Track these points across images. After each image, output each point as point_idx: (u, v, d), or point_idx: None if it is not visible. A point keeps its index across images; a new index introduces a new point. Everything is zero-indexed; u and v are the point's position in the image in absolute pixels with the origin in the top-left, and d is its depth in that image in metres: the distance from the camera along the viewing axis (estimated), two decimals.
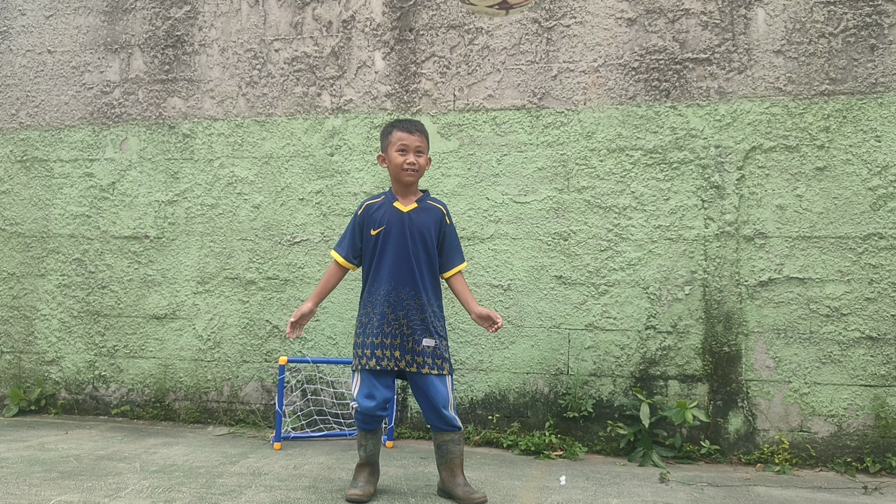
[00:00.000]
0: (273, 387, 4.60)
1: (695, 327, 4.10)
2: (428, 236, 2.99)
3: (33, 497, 2.88)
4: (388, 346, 2.94)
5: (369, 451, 3.07)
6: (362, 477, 3.05)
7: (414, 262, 2.95)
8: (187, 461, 3.62)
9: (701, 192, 4.15)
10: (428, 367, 2.94)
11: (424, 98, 4.54)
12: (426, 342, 2.94)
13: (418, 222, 2.99)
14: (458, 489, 2.95)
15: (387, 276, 2.96)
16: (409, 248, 2.95)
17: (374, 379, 2.97)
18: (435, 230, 3.02)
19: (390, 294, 2.95)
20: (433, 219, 3.02)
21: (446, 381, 2.97)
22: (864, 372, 3.89)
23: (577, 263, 4.26)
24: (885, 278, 3.90)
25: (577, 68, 4.35)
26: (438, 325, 3.01)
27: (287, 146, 4.72)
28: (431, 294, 3.00)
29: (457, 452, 2.99)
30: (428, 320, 2.96)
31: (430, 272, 3.01)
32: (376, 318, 2.96)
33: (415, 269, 2.95)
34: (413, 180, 3.01)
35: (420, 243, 2.97)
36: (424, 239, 2.98)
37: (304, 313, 3.03)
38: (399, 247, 2.96)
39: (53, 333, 5.01)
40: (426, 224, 3.00)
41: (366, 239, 3.04)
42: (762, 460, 3.89)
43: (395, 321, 2.95)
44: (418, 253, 2.96)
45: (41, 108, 5.16)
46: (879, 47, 3.99)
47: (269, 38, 4.81)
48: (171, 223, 4.87)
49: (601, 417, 4.16)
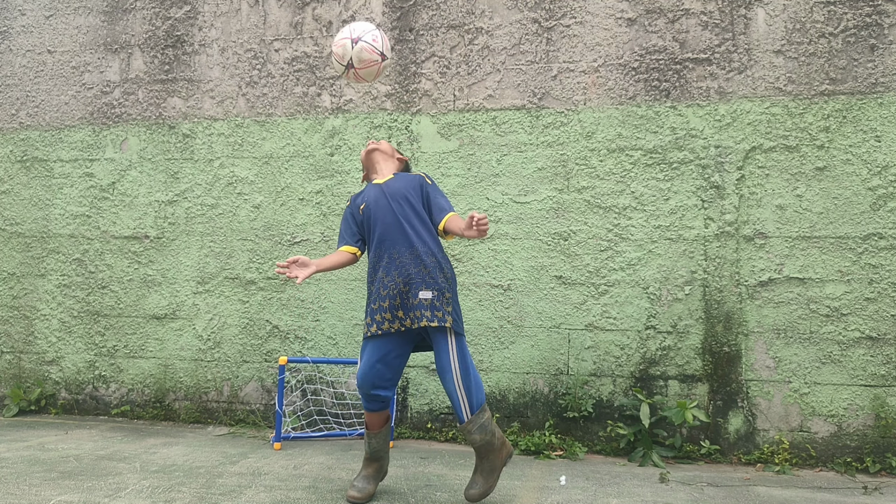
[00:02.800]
0: (273, 387, 4.60)
1: (695, 327, 4.10)
2: (411, 197, 2.97)
3: (33, 497, 2.88)
4: (387, 308, 2.88)
5: (373, 448, 3.05)
6: (363, 475, 3.04)
7: (403, 220, 2.92)
8: (187, 461, 3.62)
9: (701, 192, 4.15)
10: (426, 319, 2.81)
11: (424, 98, 4.54)
12: (422, 294, 2.84)
13: (396, 188, 3.00)
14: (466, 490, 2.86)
15: (379, 242, 2.95)
16: (394, 209, 2.94)
17: (375, 350, 2.90)
18: (416, 192, 3.00)
19: (384, 258, 2.92)
20: (412, 183, 3.03)
21: (447, 338, 2.83)
22: (864, 372, 3.89)
23: (577, 263, 4.26)
24: (885, 278, 3.90)
25: (577, 68, 4.35)
26: (439, 275, 2.88)
27: (287, 146, 4.72)
28: (431, 245, 2.93)
29: (475, 441, 2.82)
30: (425, 272, 2.86)
31: (424, 226, 2.95)
32: (376, 286, 2.94)
33: (405, 226, 2.92)
34: (374, 152, 3.13)
35: (405, 204, 2.95)
36: (408, 199, 2.96)
37: (304, 262, 2.89)
38: (384, 212, 2.95)
39: (53, 333, 5.01)
40: (405, 188, 3.00)
41: (358, 222, 3.05)
42: (762, 460, 3.89)
43: (392, 282, 2.88)
44: (405, 212, 2.94)
45: (41, 108, 5.16)
46: (879, 47, 3.99)
47: (269, 38, 4.81)
48: (171, 223, 4.87)
49: (601, 417, 4.16)
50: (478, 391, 2.85)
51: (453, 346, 2.84)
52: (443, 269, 2.91)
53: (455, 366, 2.83)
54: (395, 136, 4.56)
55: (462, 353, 2.85)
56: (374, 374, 2.91)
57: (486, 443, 2.84)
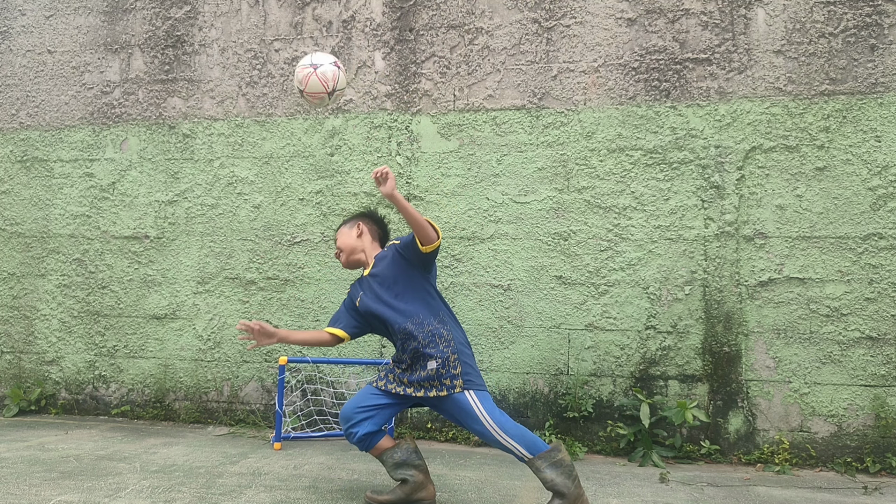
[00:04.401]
0: (273, 387, 4.60)
1: (695, 327, 4.10)
2: (393, 273, 2.96)
3: (33, 497, 2.88)
4: (398, 375, 2.90)
5: (391, 465, 2.93)
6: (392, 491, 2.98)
7: (392, 307, 2.91)
8: (187, 461, 3.62)
9: (701, 192, 4.15)
10: (436, 390, 2.79)
11: (424, 98, 4.54)
12: (429, 365, 2.81)
13: (378, 274, 2.99)
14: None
15: (385, 327, 2.97)
16: (384, 299, 2.93)
17: (373, 395, 2.91)
18: (396, 266, 2.97)
19: (395, 338, 2.94)
20: (389, 258, 3.01)
21: (467, 398, 2.75)
22: (864, 372, 3.89)
23: (577, 263, 4.26)
24: (885, 278, 3.90)
25: (577, 68, 4.35)
26: (439, 343, 2.82)
27: (287, 146, 4.72)
28: (423, 317, 2.88)
29: (545, 479, 2.69)
30: (424, 344, 2.82)
31: (413, 300, 2.92)
32: (395, 356, 2.97)
33: (395, 311, 2.90)
34: (345, 265, 3.13)
35: (392, 288, 2.94)
36: (393, 278, 2.95)
37: (269, 331, 2.90)
38: (377, 304, 2.95)
39: (53, 333, 5.01)
40: (385, 268, 2.98)
41: (360, 312, 3.04)
42: (762, 460, 3.89)
43: (402, 357, 2.90)
44: (393, 297, 2.93)
45: (41, 108, 5.16)
46: (879, 47, 3.99)
47: (269, 38, 4.81)
48: (172, 223, 4.87)
49: (601, 417, 4.16)
50: (525, 434, 2.75)
51: (476, 403, 2.75)
52: (440, 335, 2.85)
53: (487, 420, 2.73)
54: (394, 136, 4.56)
55: (489, 406, 2.76)
56: (356, 409, 2.89)
57: (562, 486, 2.67)
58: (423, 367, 2.82)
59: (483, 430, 2.73)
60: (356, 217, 3.18)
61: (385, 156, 4.56)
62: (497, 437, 2.72)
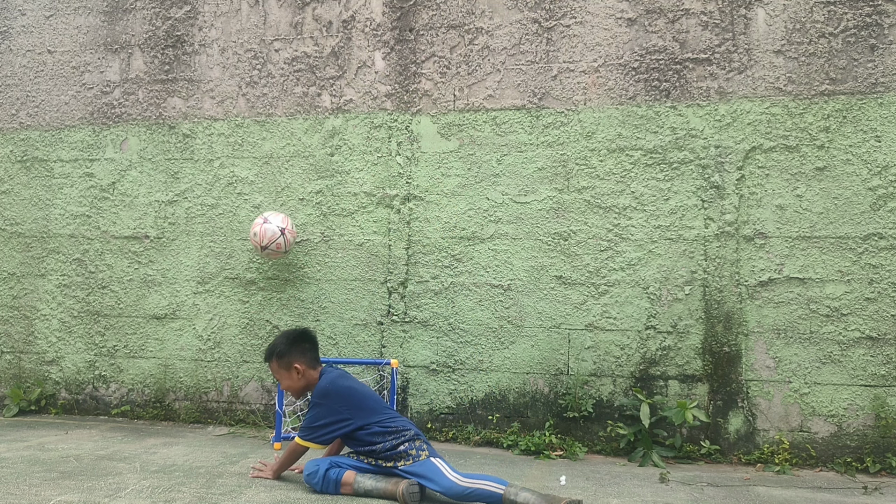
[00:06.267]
0: (273, 387, 4.60)
1: (695, 327, 4.10)
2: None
3: (33, 497, 2.88)
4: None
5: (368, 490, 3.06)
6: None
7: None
8: (187, 461, 3.62)
9: (701, 192, 4.15)
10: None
11: (424, 98, 4.54)
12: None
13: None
14: None
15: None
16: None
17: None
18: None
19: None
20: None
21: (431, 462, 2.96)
22: (864, 372, 3.89)
23: (577, 263, 4.26)
24: (885, 278, 3.90)
25: (577, 68, 4.35)
26: (363, 455, 3.12)
27: (287, 146, 4.72)
28: (354, 447, 3.15)
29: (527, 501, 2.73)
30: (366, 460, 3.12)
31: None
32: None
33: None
34: (293, 396, 3.40)
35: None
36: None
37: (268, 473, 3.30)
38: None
39: (53, 333, 5.01)
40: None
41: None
42: (762, 460, 3.89)
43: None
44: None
45: (41, 108, 5.16)
46: (879, 47, 3.99)
47: (269, 38, 4.81)
48: (172, 223, 4.87)
49: (601, 417, 4.16)
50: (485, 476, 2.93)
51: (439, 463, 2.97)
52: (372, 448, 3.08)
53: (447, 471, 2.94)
54: (394, 136, 4.57)
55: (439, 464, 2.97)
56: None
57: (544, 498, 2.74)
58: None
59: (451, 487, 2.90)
60: (287, 356, 3.26)
61: (385, 155, 4.56)
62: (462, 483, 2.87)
